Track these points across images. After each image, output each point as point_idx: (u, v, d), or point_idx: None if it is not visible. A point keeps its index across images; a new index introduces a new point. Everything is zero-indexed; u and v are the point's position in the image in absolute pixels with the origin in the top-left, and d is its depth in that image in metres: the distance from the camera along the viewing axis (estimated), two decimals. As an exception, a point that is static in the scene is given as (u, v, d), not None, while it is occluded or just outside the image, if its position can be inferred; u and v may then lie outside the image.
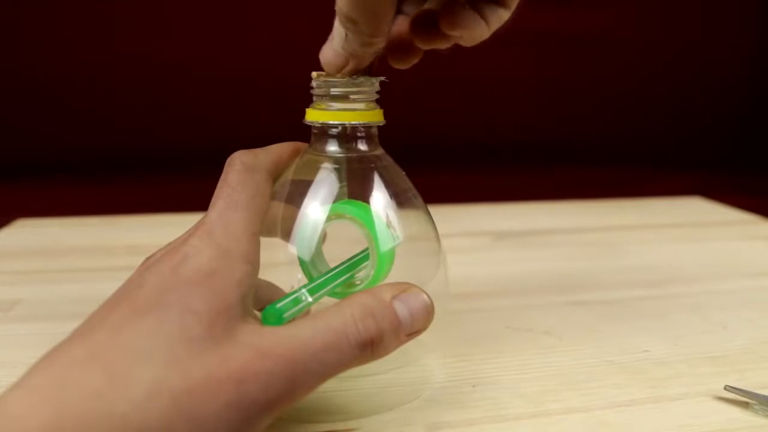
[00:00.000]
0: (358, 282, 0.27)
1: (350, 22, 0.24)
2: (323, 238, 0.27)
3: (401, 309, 0.23)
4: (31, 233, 0.57)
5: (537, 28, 0.88)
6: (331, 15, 0.25)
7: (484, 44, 0.27)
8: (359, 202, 0.26)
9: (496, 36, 0.27)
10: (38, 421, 0.17)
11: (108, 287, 0.22)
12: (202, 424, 0.18)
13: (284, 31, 0.81)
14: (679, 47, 0.95)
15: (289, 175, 0.27)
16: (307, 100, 0.27)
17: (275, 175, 0.26)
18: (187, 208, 0.54)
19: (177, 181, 0.74)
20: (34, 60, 0.78)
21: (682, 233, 0.60)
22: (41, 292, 0.42)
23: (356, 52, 0.25)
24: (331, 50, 0.26)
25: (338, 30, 0.25)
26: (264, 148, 0.27)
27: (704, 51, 0.96)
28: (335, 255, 0.27)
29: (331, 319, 0.21)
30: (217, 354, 0.19)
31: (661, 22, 0.95)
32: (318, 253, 0.27)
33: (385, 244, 0.26)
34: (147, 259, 0.24)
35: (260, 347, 0.20)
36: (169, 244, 0.24)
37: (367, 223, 0.26)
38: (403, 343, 0.23)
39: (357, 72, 0.26)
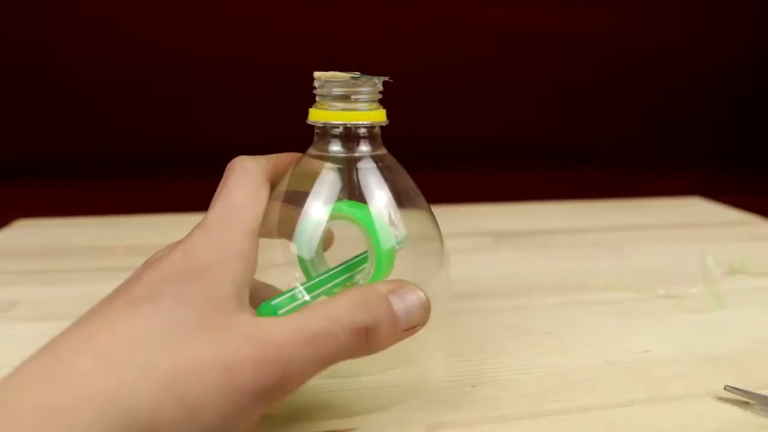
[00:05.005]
0: (351, 285, 0.27)
1: None
2: (332, 239, 0.27)
3: (397, 303, 0.23)
4: (31, 233, 0.57)
5: (537, 28, 0.88)
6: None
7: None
8: (359, 203, 0.26)
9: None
10: (30, 403, 0.17)
11: (108, 287, 0.22)
12: (191, 408, 0.18)
13: (287, 31, 0.81)
14: (678, 47, 0.95)
15: (291, 175, 0.27)
16: (310, 100, 0.27)
17: (274, 180, 0.27)
18: (187, 208, 0.54)
19: (177, 181, 0.74)
20: (34, 60, 0.78)
21: (682, 233, 0.60)
22: (41, 292, 0.42)
23: None
24: None
25: None
26: (265, 155, 0.27)
27: (704, 51, 0.96)
28: (336, 255, 0.27)
29: (324, 308, 0.22)
30: (208, 340, 0.19)
31: (660, 22, 0.95)
32: (318, 253, 0.27)
33: (384, 244, 0.26)
34: (147, 260, 0.24)
35: (251, 334, 0.20)
36: (169, 246, 0.24)
37: (367, 223, 0.26)
38: (400, 338, 0.23)
39: None
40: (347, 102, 0.26)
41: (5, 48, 0.77)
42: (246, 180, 0.25)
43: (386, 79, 0.27)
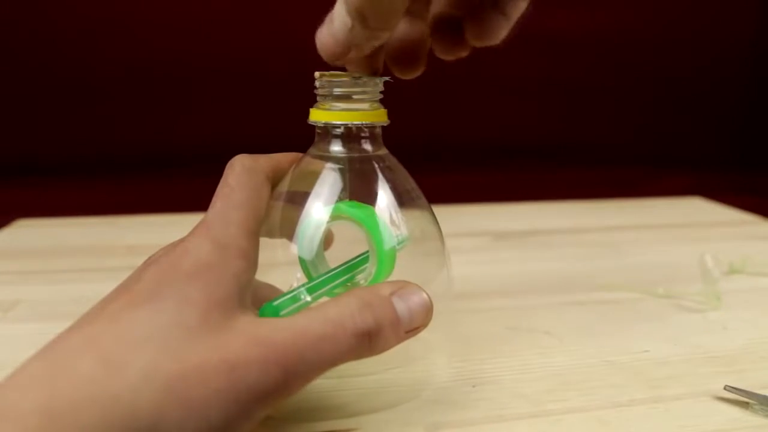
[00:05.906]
0: (352, 285, 0.27)
1: (360, 15, 0.23)
2: (331, 238, 0.27)
3: (400, 305, 0.23)
4: (31, 233, 0.57)
5: (537, 29, 0.88)
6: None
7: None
8: (360, 203, 0.27)
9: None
10: (31, 405, 0.17)
11: (108, 287, 0.22)
12: (194, 409, 0.18)
13: (287, 31, 0.80)
14: (678, 47, 0.95)
15: (292, 175, 0.27)
16: (311, 100, 0.27)
17: (274, 180, 0.27)
18: (187, 208, 0.54)
19: (177, 181, 0.74)
20: (34, 60, 0.78)
21: (682, 233, 0.60)
22: (41, 292, 0.42)
23: (360, 44, 0.24)
24: (331, 37, 0.24)
25: (341, 17, 0.23)
26: (265, 154, 0.27)
27: (704, 51, 0.96)
28: (336, 255, 0.27)
29: (328, 310, 0.22)
30: (212, 341, 0.19)
31: (660, 21, 0.95)
32: (319, 253, 0.27)
33: (385, 244, 0.26)
34: (147, 259, 0.24)
35: (255, 335, 0.20)
36: (169, 245, 0.24)
37: (367, 224, 0.26)
38: (402, 340, 0.23)
39: (355, 62, 0.25)
40: (348, 102, 0.26)
41: (5, 48, 0.77)
42: (246, 179, 0.25)
43: (387, 79, 0.27)
